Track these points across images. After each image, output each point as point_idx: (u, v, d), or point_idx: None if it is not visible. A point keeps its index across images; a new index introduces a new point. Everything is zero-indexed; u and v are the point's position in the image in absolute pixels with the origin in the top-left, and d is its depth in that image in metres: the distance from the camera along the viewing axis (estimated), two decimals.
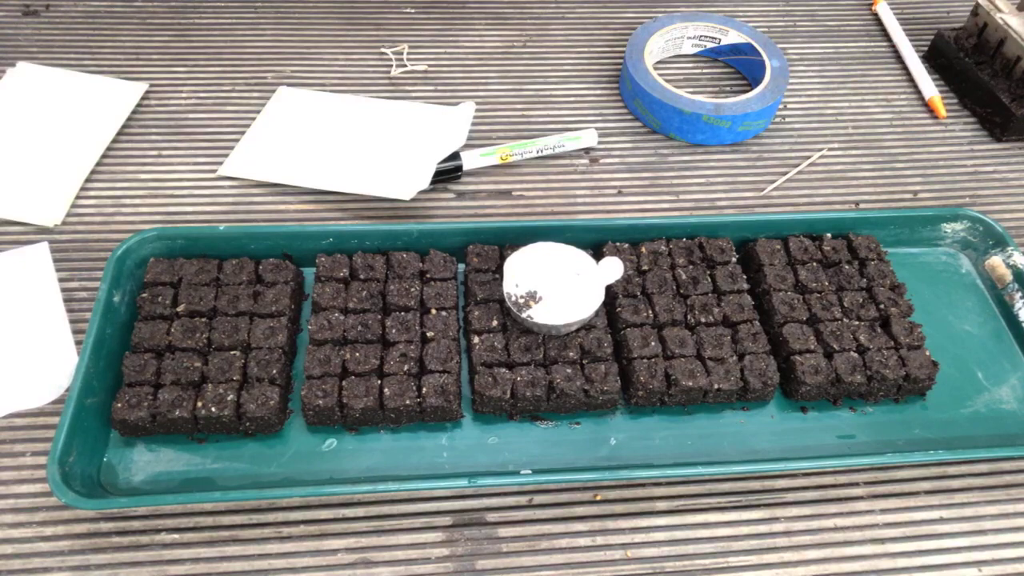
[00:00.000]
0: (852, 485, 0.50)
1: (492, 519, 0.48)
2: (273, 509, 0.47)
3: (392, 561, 0.46)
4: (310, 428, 0.50)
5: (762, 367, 0.51)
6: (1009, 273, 0.59)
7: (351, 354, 0.50)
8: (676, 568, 0.46)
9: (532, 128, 0.70)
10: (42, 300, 0.54)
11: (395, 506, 0.48)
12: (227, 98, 0.70)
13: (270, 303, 0.52)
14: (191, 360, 0.49)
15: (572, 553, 0.47)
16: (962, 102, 0.76)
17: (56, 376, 0.51)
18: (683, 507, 0.49)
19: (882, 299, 0.55)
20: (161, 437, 0.49)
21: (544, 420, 0.51)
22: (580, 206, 0.64)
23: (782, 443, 0.51)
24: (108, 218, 0.60)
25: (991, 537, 0.48)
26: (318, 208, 0.62)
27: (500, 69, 0.75)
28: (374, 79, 0.73)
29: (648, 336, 0.52)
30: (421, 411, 0.49)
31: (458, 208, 0.64)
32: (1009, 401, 0.54)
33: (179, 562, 0.45)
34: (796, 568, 0.47)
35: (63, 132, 0.65)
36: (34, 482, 0.47)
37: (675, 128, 0.69)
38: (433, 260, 0.55)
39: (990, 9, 0.74)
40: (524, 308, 0.52)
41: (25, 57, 0.71)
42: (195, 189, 0.63)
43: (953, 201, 0.67)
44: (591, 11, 0.82)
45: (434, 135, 0.67)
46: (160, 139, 0.66)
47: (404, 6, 0.80)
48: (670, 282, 0.55)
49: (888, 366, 0.52)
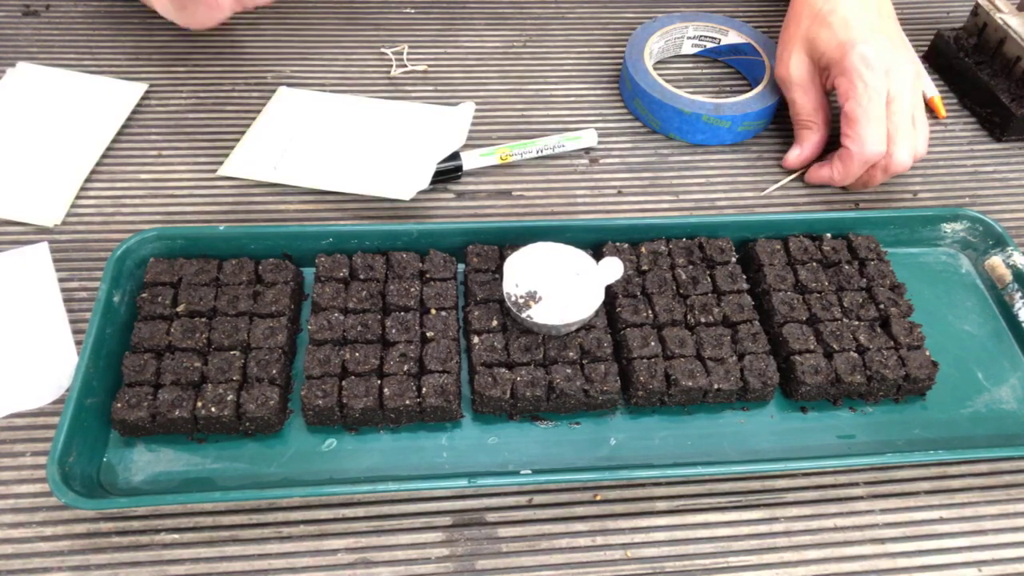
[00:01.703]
0: (852, 485, 0.50)
1: (492, 519, 0.48)
2: (273, 509, 0.47)
3: (392, 561, 0.46)
4: (310, 428, 0.50)
5: (762, 367, 0.51)
6: (1009, 273, 0.59)
7: (351, 354, 0.50)
8: (676, 568, 0.46)
9: (532, 128, 0.70)
10: (42, 300, 0.54)
11: (395, 506, 0.48)
12: (227, 98, 0.70)
13: (270, 303, 0.52)
14: (191, 360, 0.49)
15: (572, 553, 0.47)
16: (962, 102, 0.76)
17: (56, 376, 0.51)
18: (683, 507, 0.49)
19: (882, 299, 0.55)
20: (161, 437, 0.49)
21: (544, 420, 0.51)
22: (580, 206, 0.64)
23: (782, 443, 0.51)
24: (108, 218, 0.60)
25: (991, 537, 0.49)
26: (318, 208, 0.62)
27: (500, 69, 0.75)
28: (374, 79, 0.73)
29: (648, 336, 0.52)
30: (421, 411, 0.49)
31: (458, 208, 0.64)
32: (1009, 401, 0.54)
33: (179, 562, 0.45)
34: (796, 568, 0.47)
35: (63, 132, 0.65)
36: (34, 482, 0.47)
37: (675, 128, 0.69)
38: (433, 260, 0.55)
39: (990, 9, 0.74)
40: (524, 308, 0.52)
41: (25, 57, 0.71)
42: (195, 189, 0.63)
43: (953, 201, 0.67)
44: (591, 11, 0.82)
45: (434, 135, 0.67)
46: (160, 139, 0.66)
47: (404, 6, 0.80)
48: (670, 282, 0.55)
49: (888, 366, 0.52)
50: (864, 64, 0.61)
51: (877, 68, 0.61)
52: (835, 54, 0.63)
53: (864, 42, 0.62)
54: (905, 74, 0.62)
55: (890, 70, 0.61)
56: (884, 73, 0.61)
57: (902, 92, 0.62)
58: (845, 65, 0.62)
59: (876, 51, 0.61)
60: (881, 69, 0.61)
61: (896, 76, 0.62)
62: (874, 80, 0.61)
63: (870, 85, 0.61)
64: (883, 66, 0.61)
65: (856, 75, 0.61)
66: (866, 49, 0.61)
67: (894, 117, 0.62)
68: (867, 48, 0.61)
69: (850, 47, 0.62)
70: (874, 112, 0.61)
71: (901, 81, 0.62)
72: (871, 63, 0.61)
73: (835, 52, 0.63)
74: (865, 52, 0.61)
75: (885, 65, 0.61)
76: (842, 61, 0.62)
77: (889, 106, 0.62)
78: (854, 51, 0.62)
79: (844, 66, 0.62)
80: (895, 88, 0.61)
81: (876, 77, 0.61)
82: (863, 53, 0.61)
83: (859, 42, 0.62)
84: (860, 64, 0.61)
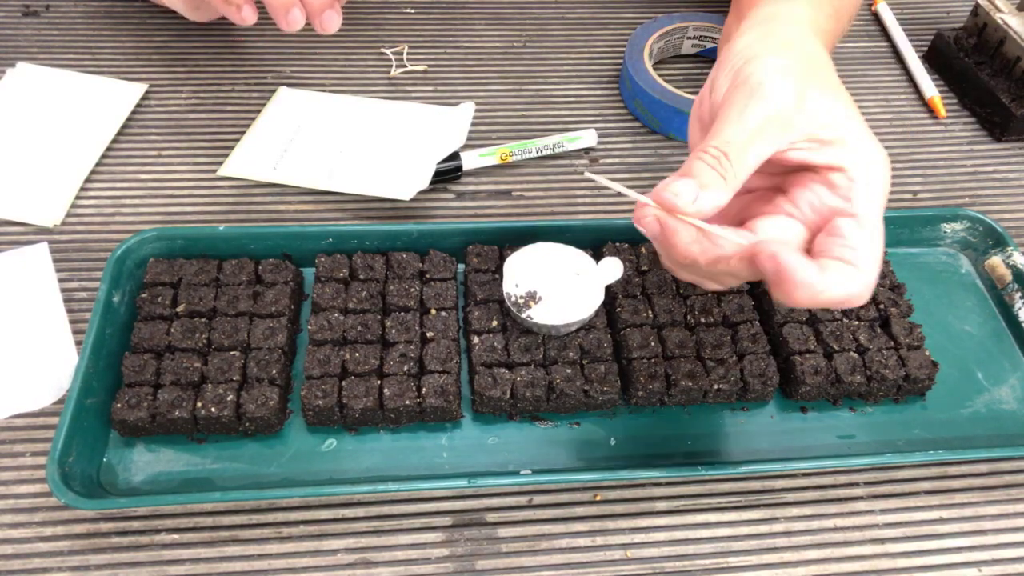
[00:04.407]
0: (852, 485, 0.50)
1: (492, 519, 0.48)
2: (273, 509, 0.47)
3: (392, 561, 0.46)
4: (310, 428, 0.50)
5: (762, 367, 0.51)
6: (1009, 273, 0.59)
7: (351, 354, 0.50)
8: (676, 568, 0.46)
9: (532, 128, 0.70)
10: (42, 301, 0.54)
11: (395, 506, 0.48)
12: (227, 98, 0.70)
13: (270, 303, 0.52)
14: (191, 360, 0.49)
15: (572, 553, 0.47)
16: (962, 102, 0.76)
17: (57, 377, 0.51)
18: (683, 507, 0.49)
19: (882, 299, 0.55)
20: (161, 437, 0.49)
21: (544, 420, 0.51)
22: (580, 206, 0.64)
23: (782, 443, 0.51)
24: (108, 218, 0.60)
25: (991, 537, 0.48)
26: (318, 208, 0.62)
27: (500, 69, 0.75)
28: (374, 79, 0.73)
29: (648, 336, 0.52)
30: (421, 411, 0.49)
31: (458, 208, 0.64)
32: (1009, 401, 0.54)
33: (179, 562, 0.45)
34: (796, 568, 0.47)
35: (63, 132, 0.65)
36: (34, 482, 0.47)
37: (675, 128, 0.69)
38: (433, 260, 0.55)
39: (990, 9, 0.74)
40: (524, 308, 0.52)
41: (25, 57, 0.71)
42: (195, 189, 0.63)
43: (953, 201, 0.67)
44: (591, 11, 0.82)
45: (434, 135, 0.67)
46: (160, 139, 0.66)
47: (404, 6, 0.80)
48: (670, 282, 0.55)
49: (888, 366, 0.52)
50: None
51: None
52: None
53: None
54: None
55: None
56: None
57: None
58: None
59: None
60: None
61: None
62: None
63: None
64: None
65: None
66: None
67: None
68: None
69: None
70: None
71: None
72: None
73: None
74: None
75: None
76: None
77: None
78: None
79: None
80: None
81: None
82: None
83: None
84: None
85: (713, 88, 0.44)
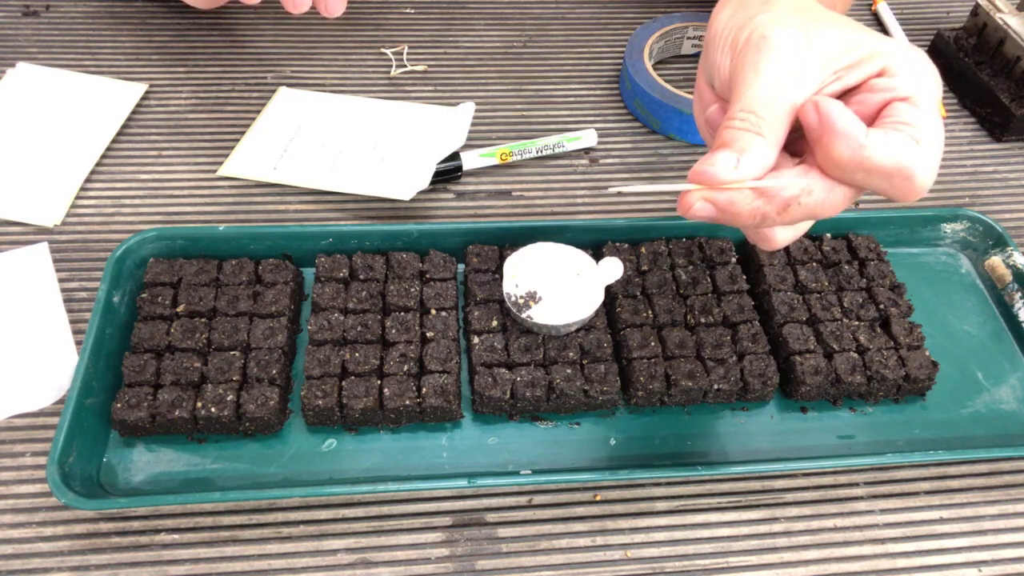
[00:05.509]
0: (852, 485, 0.50)
1: (492, 519, 0.48)
2: (273, 509, 0.47)
3: (392, 561, 0.46)
4: (310, 428, 0.50)
5: (762, 367, 0.51)
6: (1009, 273, 0.59)
7: (351, 354, 0.50)
8: (676, 568, 0.46)
9: (532, 128, 0.70)
10: (42, 301, 0.54)
11: (395, 506, 0.48)
12: (227, 98, 0.70)
13: (270, 303, 0.52)
14: (191, 360, 0.49)
15: (572, 553, 0.47)
16: (962, 102, 0.76)
17: (57, 377, 0.51)
18: (683, 507, 0.49)
19: (882, 299, 0.55)
20: (161, 437, 0.49)
21: (544, 420, 0.51)
22: (580, 206, 0.64)
23: (782, 443, 0.51)
24: (108, 218, 0.60)
25: (991, 537, 0.49)
26: (318, 208, 0.62)
27: (500, 69, 0.75)
28: (374, 79, 0.73)
29: (648, 336, 0.52)
30: (421, 411, 0.49)
31: (458, 208, 0.64)
32: (1009, 401, 0.54)
33: (179, 562, 0.45)
34: (796, 568, 0.47)
35: (63, 132, 0.65)
36: (34, 482, 0.47)
37: (675, 128, 0.69)
38: (433, 260, 0.55)
39: (990, 9, 0.74)
40: (524, 308, 0.52)
41: (25, 57, 0.71)
42: (195, 189, 0.63)
43: (953, 201, 0.67)
44: (591, 11, 0.82)
45: (434, 135, 0.67)
46: (160, 139, 0.66)
47: (404, 6, 0.80)
48: (670, 282, 0.55)
49: (888, 366, 0.52)
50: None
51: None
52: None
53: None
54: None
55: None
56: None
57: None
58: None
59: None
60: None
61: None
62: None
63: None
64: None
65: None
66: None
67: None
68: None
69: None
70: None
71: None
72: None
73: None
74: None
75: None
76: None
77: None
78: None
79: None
80: None
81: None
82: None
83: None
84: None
85: (715, 73, 0.42)
